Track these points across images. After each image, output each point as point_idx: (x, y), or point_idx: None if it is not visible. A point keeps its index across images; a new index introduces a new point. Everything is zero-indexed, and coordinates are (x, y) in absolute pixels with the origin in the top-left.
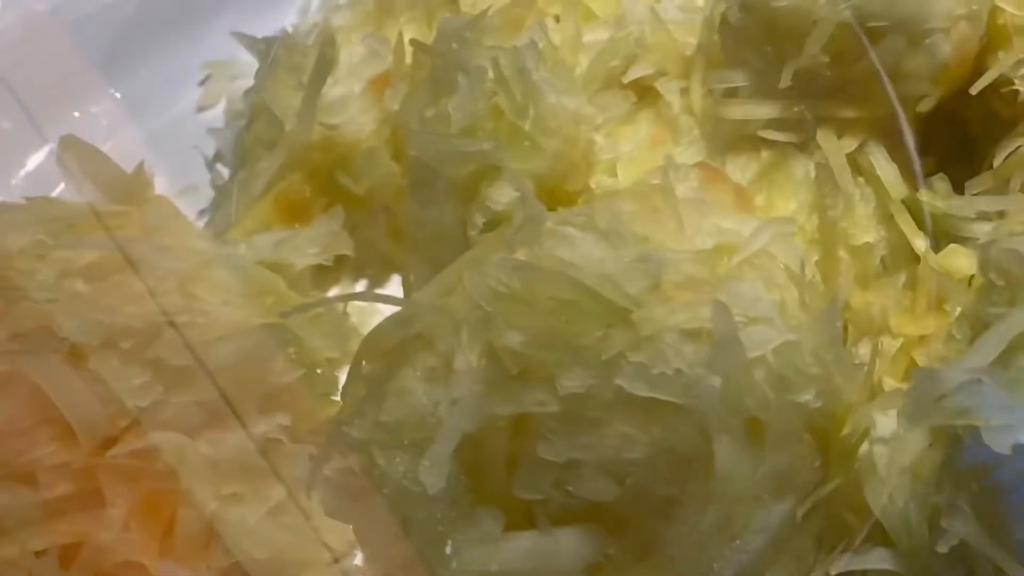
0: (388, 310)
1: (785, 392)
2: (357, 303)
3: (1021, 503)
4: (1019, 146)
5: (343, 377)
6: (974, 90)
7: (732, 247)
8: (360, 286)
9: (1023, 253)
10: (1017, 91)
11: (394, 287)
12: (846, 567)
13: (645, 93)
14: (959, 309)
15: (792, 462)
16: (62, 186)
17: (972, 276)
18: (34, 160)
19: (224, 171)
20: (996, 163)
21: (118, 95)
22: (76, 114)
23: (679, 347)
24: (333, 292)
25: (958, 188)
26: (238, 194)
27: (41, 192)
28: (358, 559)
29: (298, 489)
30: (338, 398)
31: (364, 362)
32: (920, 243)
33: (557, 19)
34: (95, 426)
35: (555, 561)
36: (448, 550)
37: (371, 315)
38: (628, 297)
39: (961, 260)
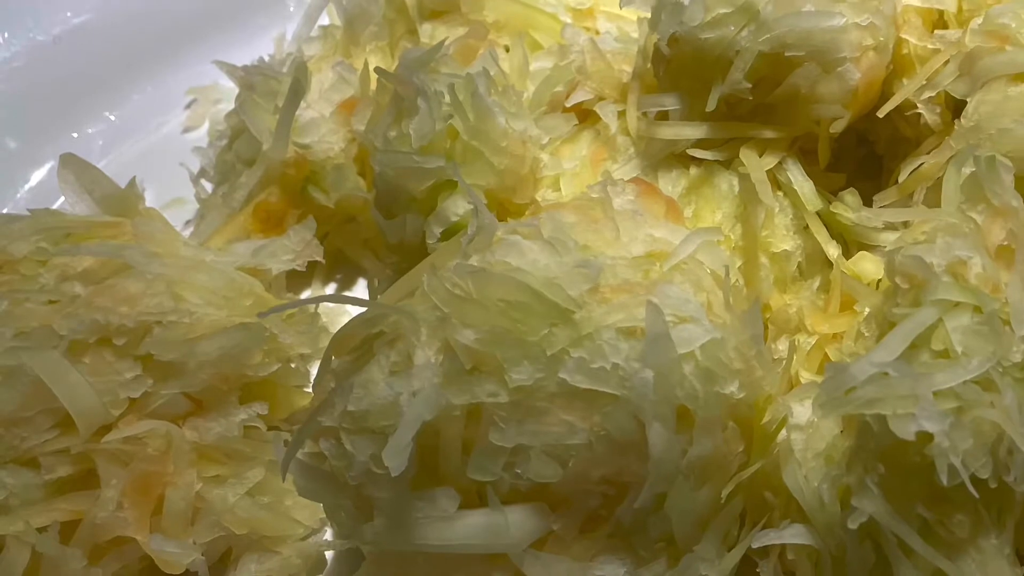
0: (355, 311)
1: (711, 384)
2: (327, 304)
3: None
4: (922, 163)
5: (315, 371)
6: (881, 113)
7: (664, 254)
8: (330, 289)
9: (925, 259)
10: (920, 114)
11: (360, 290)
12: (766, 541)
13: (586, 116)
14: (868, 310)
15: (717, 447)
16: (62, 199)
17: (879, 280)
18: (36, 176)
19: (207, 186)
20: (901, 179)
21: (112, 117)
22: (74, 134)
23: (616, 344)
24: (306, 294)
25: (867, 201)
26: (220, 206)
27: (43, 204)
28: (328, 535)
29: (274, 471)
30: (310, 390)
31: (333, 357)
32: (832, 250)
33: (507, 49)
34: (91, 415)
35: (505, 536)
36: (409, 526)
37: (340, 315)
38: (570, 299)
39: (869, 266)
